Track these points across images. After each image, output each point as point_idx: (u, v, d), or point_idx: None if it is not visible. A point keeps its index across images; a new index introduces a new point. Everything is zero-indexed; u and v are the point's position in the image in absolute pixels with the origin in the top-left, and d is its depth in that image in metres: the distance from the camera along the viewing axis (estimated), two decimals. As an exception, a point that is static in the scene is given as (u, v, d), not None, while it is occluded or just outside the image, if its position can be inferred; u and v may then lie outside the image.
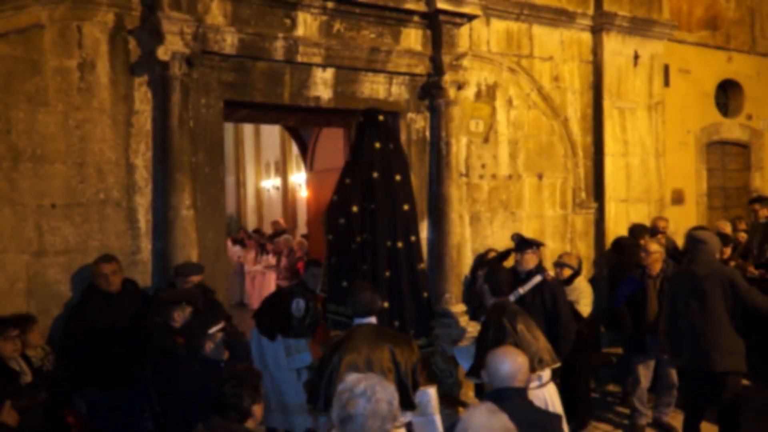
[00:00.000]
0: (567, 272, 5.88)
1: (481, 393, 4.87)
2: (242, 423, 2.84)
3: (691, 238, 4.90)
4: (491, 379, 2.76)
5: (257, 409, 2.88)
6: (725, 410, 4.69)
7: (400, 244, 5.02)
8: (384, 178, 5.06)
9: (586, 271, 7.00)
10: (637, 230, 6.72)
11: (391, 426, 2.21)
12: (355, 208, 4.92)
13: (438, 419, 3.56)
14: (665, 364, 5.60)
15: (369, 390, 2.20)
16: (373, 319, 3.65)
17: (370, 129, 5.16)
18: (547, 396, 3.97)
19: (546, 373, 4.04)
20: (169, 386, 3.53)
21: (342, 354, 3.39)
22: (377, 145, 5.09)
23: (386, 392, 2.23)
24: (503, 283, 4.30)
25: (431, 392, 3.55)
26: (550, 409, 3.77)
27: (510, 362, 2.71)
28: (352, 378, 2.28)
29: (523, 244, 5.13)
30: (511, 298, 5.07)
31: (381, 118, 5.25)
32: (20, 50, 4.48)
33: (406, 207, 5.12)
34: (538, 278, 5.03)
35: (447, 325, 5.79)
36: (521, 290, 5.05)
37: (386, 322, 4.82)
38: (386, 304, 4.86)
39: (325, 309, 5.12)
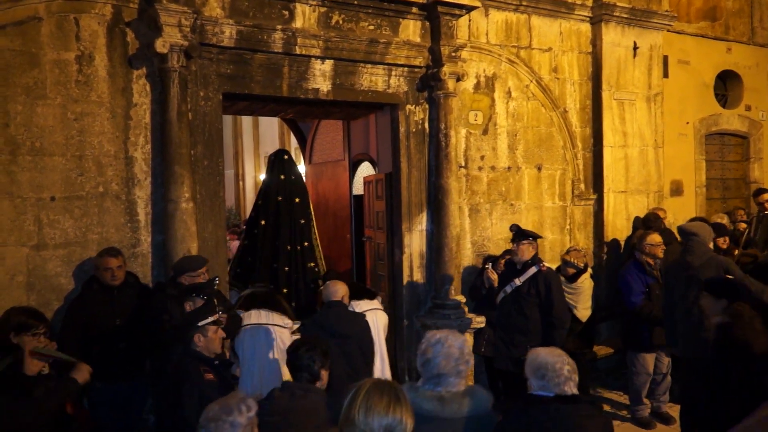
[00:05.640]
0: (571, 271, 5.87)
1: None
2: (313, 384, 3.16)
3: (683, 231, 4.98)
4: (326, 297, 4.48)
5: (324, 374, 3.22)
6: None
7: (298, 248, 6.66)
8: (286, 200, 6.69)
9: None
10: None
11: (465, 367, 2.69)
12: (263, 222, 6.68)
13: None
14: (660, 354, 5.64)
15: (443, 339, 2.71)
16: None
17: (278, 164, 6.82)
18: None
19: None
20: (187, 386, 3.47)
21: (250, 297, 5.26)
22: (282, 177, 6.76)
23: (457, 341, 2.72)
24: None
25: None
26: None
27: (338, 287, 4.53)
28: (431, 333, 2.80)
29: (519, 235, 5.13)
30: (508, 288, 5.13)
31: (286, 156, 6.94)
32: (18, 43, 4.47)
33: (302, 221, 6.73)
34: (533, 269, 5.04)
35: (445, 316, 5.81)
36: (517, 281, 5.06)
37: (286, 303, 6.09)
38: (285, 291, 6.42)
39: None
